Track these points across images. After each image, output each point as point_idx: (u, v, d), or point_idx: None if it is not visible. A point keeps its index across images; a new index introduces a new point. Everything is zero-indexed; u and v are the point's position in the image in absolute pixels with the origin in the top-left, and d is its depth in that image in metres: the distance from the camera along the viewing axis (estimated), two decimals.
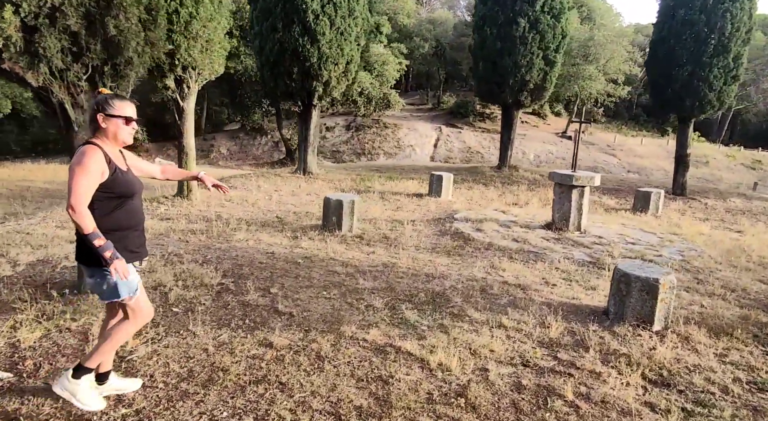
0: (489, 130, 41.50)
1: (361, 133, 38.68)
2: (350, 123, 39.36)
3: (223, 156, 37.58)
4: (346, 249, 6.15)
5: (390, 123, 39.80)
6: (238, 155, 37.75)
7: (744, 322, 4.47)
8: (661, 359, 3.62)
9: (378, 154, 36.15)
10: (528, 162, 36.97)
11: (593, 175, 7.47)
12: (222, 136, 39.53)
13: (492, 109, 43.90)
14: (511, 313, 4.33)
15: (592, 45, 38.66)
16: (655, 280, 4.11)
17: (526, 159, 38.03)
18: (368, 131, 38.82)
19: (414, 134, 38.86)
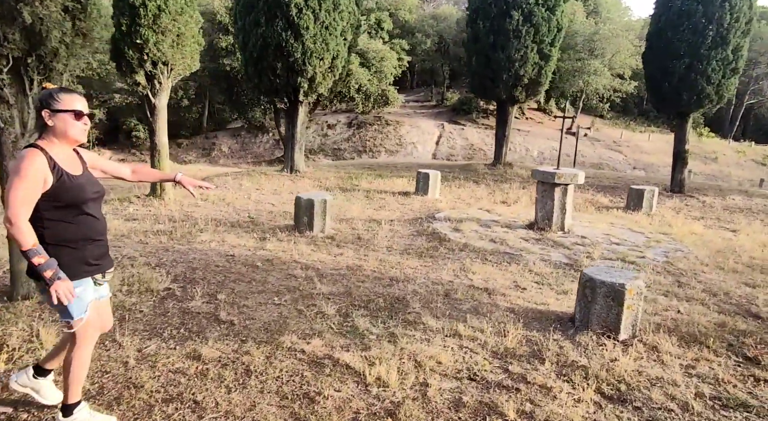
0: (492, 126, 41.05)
1: (363, 130, 38.45)
2: (352, 120, 39.15)
3: (224, 154, 37.51)
4: (313, 251, 5.93)
5: (392, 120, 39.53)
6: (239, 153, 37.66)
7: (720, 329, 4.20)
8: (622, 371, 3.37)
9: (379, 152, 35.89)
10: (531, 159, 36.54)
11: (576, 173, 7.19)
12: (224, 134, 39.45)
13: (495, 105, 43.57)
14: (470, 320, 4.09)
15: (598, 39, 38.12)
16: (621, 285, 3.85)
17: (530, 156, 37.60)
18: (370, 129, 38.58)
19: (416, 131, 38.56)
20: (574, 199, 10.70)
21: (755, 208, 10.81)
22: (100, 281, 2.36)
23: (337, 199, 9.61)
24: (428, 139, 38.02)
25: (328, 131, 39.03)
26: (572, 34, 39.87)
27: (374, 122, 38.56)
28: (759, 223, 9.34)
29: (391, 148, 36.56)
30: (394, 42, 40.00)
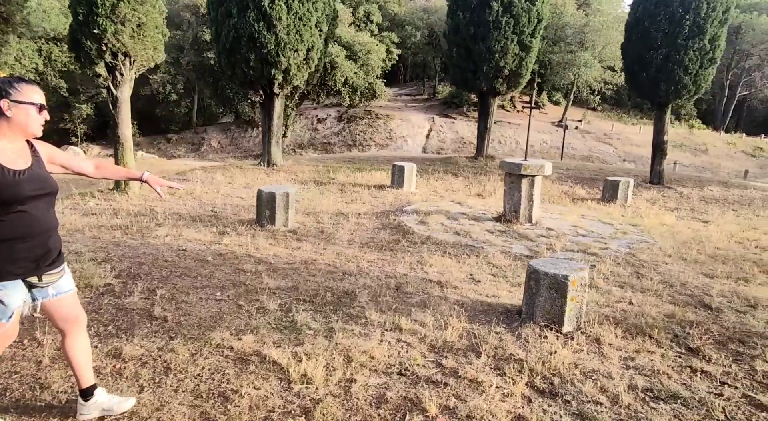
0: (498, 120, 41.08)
1: (353, 124, 38.30)
2: (342, 115, 38.96)
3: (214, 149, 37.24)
4: (271, 245, 5.84)
5: (382, 114, 39.38)
6: (228, 148, 37.43)
7: (668, 320, 4.15)
8: (559, 364, 3.31)
9: (369, 146, 35.76)
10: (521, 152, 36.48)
11: (543, 164, 7.12)
12: (213, 129, 39.15)
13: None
14: (415, 313, 4.02)
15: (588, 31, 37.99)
16: (564, 277, 3.78)
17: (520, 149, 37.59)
18: (360, 123, 38.42)
19: (406, 125, 38.43)
20: (550, 191, 10.66)
21: (731, 199, 10.79)
22: (39, 283, 2.23)
23: (310, 192, 9.52)
24: (418, 132, 37.89)
25: (318, 125, 38.80)
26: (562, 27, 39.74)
27: (364, 116, 38.38)
28: (731, 214, 9.32)
29: (381, 142, 36.42)
30: (384, 35, 39.71)
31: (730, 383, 3.21)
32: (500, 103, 43.11)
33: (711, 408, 2.89)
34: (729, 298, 4.76)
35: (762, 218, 9.00)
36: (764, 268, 5.77)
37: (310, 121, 39.82)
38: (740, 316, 4.32)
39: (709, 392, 3.10)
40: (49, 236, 2.22)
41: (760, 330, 4.03)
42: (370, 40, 27.40)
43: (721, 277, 5.39)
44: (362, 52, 26.35)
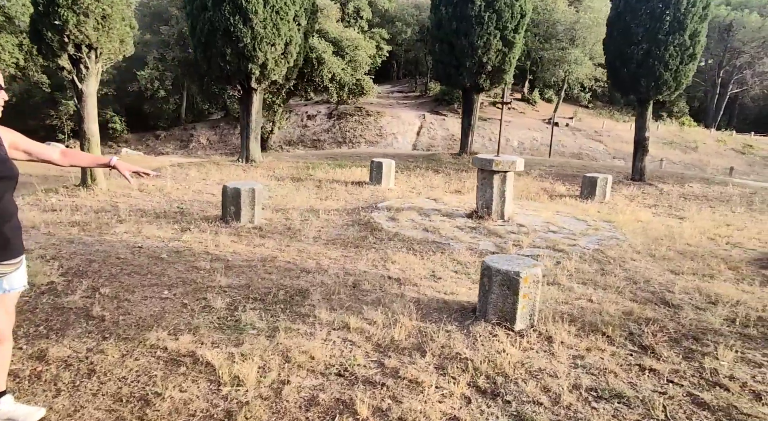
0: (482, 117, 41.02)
1: (343, 121, 38.15)
2: (332, 111, 38.78)
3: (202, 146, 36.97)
4: (233, 242, 5.72)
5: (373, 111, 39.24)
6: (217, 145, 37.18)
7: (626, 318, 4.07)
8: (505, 363, 3.22)
9: (359, 143, 35.61)
10: (511, 149, 36.50)
11: (515, 160, 7.03)
12: (202, 125, 38.85)
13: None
14: (367, 312, 3.92)
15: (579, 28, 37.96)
16: (516, 273, 3.69)
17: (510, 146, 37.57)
18: (350, 120, 38.26)
19: (397, 122, 38.30)
20: (529, 188, 10.59)
21: (710, 196, 10.76)
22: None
23: (285, 189, 9.39)
24: (409, 129, 37.76)
25: (308, 122, 38.60)
26: (553, 23, 39.69)
27: (355, 113, 38.21)
28: (709, 210, 9.27)
29: (371, 139, 36.28)
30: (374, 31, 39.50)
31: (677, 382, 3.14)
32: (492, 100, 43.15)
33: (652, 407, 2.82)
34: (691, 295, 4.69)
35: (738, 214, 8.97)
36: (731, 264, 5.72)
37: (300, 117, 39.62)
38: (699, 313, 4.25)
39: (654, 390, 3.02)
40: (6, 221, 2.08)
41: (716, 327, 3.96)
42: (358, 35, 27.21)
43: (686, 273, 5.32)
44: (350, 48, 26.16)
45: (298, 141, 37.01)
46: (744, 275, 5.39)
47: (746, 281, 5.16)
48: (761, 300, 4.61)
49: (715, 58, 43.64)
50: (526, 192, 10.09)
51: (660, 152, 35.11)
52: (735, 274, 5.42)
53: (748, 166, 34.37)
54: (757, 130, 39.14)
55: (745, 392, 3.06)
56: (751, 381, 3.18)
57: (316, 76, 25.21)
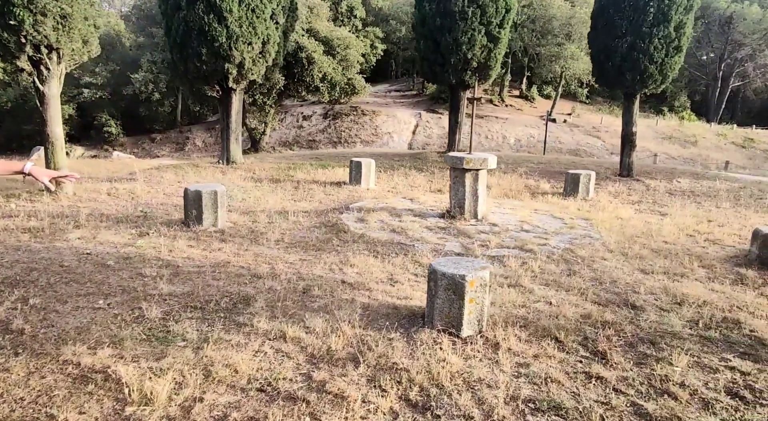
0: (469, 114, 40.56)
1: (338, 121, 37.99)
2: (328, 111, 38.61)
3: (198, 148, 36.82)
4: (190, 247, 5.54)
5: (368, 110, 39.07)
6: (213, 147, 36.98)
7: (583, 321, 3.88)
8: (444, 373, 3.03)
9: (355, 143, 35.42)
10: (508, 146, 36.28)
11: (486, 157, 6.83)
12: (198, 128, 38.68)
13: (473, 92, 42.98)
14: (309, 320, 3.73)
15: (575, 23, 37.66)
16: (462, 277, 3.50)
17: (507, 143, 37.36)
18: (345, 119, 38.10)
19: (392, 121, 38.10)
20: (512, 186, 10.39)
21: (698, 191, 10.53)
22: None
23: (260, 190, 9.21)
24: (404, 128, 37.56)
25: (304, 123, 38.43)
26: (549, 19, 39.40)
27: (350, 113, 38.03)
28: (694, 206, 9.06)
29: (367, 139, 36.09)
30: (368, 30, 39.30)
31: (623, 390, 2.95)
32: (488, 97, 42.82)
33: (589, 420, 2.62)
34: (657, 295, 4.49)
35: (722, 210, 8.75)
36: (706, 262, 5.51)
37: (296, 118, 39.49)
38: (662, 315, 4.06)
39: (597, 400, 2.83)
40: None
41: (677, 330, 3.76)
42: (349, 34, 27.00)
43: (657, 273, 5.12)
44: (341, 47, 25.95)
45: (294, 142, 36.86)
46: (717, 273, 5.19)
47: (718, 280, 4.96)
48: (729, 300, 4.41)
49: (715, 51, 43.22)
50: (507, 190, 9.89)
51: (659, 147, 34.82)
52: (708, 272, 5.22)
53: (748, 160, 34.03)
54: (759, 124, 38.72)
55: (694, 400, 2.87)
56: (702, 388, 2.99)
57: (306, 76, 25.02)
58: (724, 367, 3.27)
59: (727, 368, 3.25)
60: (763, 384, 3.07)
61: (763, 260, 5.39)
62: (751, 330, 3.81)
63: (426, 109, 40.71)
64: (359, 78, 27.94)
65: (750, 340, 3.67)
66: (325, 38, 25.82)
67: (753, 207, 9.02)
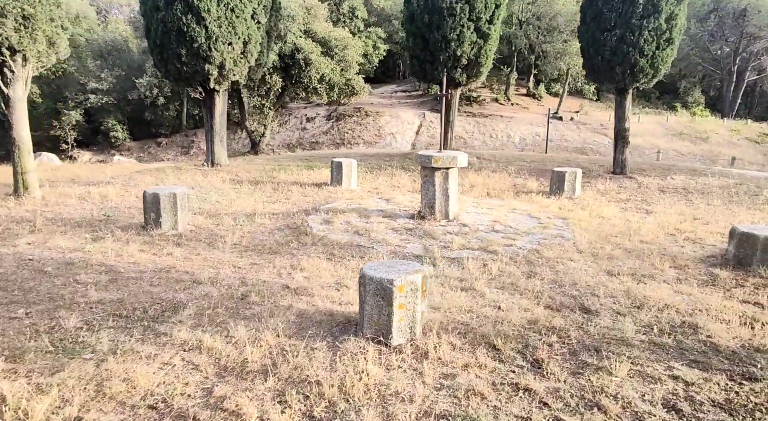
0: (475, 114, 40.40)
1: (342, 122, 37.88)
2: (331, 113, 38.55)
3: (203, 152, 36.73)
4: (140, 251, 5.37)
5: (372, 111, 38.91)
6: None
7: (529, 328, 3.63)
8: (360, 386, 2.81)
9: (357, 144, 35.29)
10: (513, 145, 35.88)
11: (455, 156, 6.59)
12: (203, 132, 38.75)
13: (479, 92, 42.55)
14: (235, 329, 3.52)
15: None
16: (390, 281, 3.27)
17: (511, 142, 36.96)
18: (348, 121, 37.99)
19: (396, 122, 37.90)
20: (498, 184, 10.11)
21: (692, 188, 10.16)
22: None
23: (236, 192, 9.03)
24: (408, 129, 37.34)
25: (307, 125, 38.39)
26: (554, 15, 38.94)
27: (353, 114, 37.92)
28: (683, 203, 8.71)
29: (370, 140, 35.92)
30: (371, 30, 39.14)
31: (550, 404, 2.71)
32: (494, 96, 42.43)
33: None
34: (617, 298, 4.22)
35: (713, 207, 8.40)
36: (679, 262, 5.22)
37: (300, 120, 39.46)
38: (616, 320, 3.79)
39: (517, 416, 2.60)
40: None
41: (628, 336, 3.50)
42: (347, 35, 26.83)
43: (624, 274, 4.84)
44: (339, 48, 25.80)
45: (297, 144, 36.80)
46: (689, 274, 4.90)
47: (687, 282, 4.67)
48: (693, 303, 4.13)
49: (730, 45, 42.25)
50: (491, 189, 9.62)
51: (668, 144, 34.14)
52: (679, 273, 4.92)
53: (762, 155, 33.19)
54: None
55: (626, 414, 2.62)
56: (637, 401, 2.74)
57: (304, 77, 24.92)
58: (667, 376, 3.01)
59: (671, 378, 2.99)
60: (706, 396, 2.81)
61: (740, 259, 5.08)
62: (708, 336, 3.54)
63: (430, 109, 40.42)
64: (358, 78, 27.76)
65: (704, 346, 3.40)
66: (323, 39, 25.69)
67: (746, 204, 8.65)
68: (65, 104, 31.29)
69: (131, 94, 32.61)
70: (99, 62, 30.78)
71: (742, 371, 3.10)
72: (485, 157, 14.03)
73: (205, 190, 9.14)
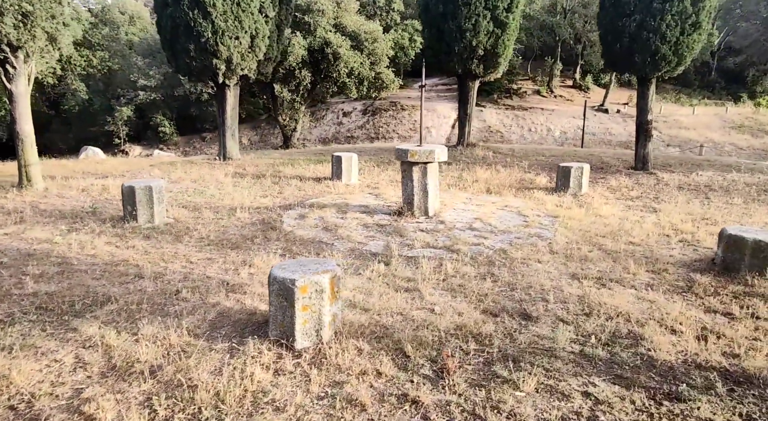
0: (514, 107, 39.38)
1: (377, 117, 37.84)
2: (367, 107, 38.56)
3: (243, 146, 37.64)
4: (107, 244, 5.43)
5: (408, 105, 38.67)
6: (258, 144, 37.88)
7: (453, 334, 3.38)
8: (236, 393, 2.68)
9: (392, 138, 35.15)
10: (552, 139, 34.75)
11: (432, 150, 6.31)
12: (245, 126, 39.58)
13: (520, 84, 41.40)
14: (149, 325, 3.47)
15: None
16: (292, 282, 3.11)
17: (551, 136, 35.84)
18: (384, 115, 37.90)
19: (432, 116, 37.50)
20: (503, 180, 9.71)
21: (716, 186, 9.39)
22: None
23: (236, 186, 9.06)
24: (443, 123, 36.86)
25: (344, 119, 38.58)
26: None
27: (389, 108, 37.80)
28: (698, 202, 8.05)
29: (404, 134, 35.69)
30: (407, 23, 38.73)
31: (433, 418, 2.50)
32: (536, 87, 41.17)
33: None
34: (567, 304, 3.89)
35: (731, 206, 7.72)
36: (658, 266, 4.78)
37: (336, 115, 39.71)
38: (555, 328, 3.48)
39: None
40: None
41: (557, 346, 3.20)
42: (377, 28, 26.56)
43: (590, 278, 4.47)
44: (368, 41, 25.61)
45: (333, 138, 37.04)
46: (663, 279, 4.47)
47: (656, 288, 4.26)
48: (651, 311, 3.74)
49: None
50: (493, 185, 9.23)
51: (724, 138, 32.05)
52: (653, 278, 4.50)
53: None
54: None
55: None
56: (530, 419, 2.46)
57: (333, 72, 24.91)
58: (579, 393, 2.71)
59: (582, 395, 2.69)
60: (612, 417, 2.50)
61: (728, 264, 4.59)
62: (649, 348, 3.18)
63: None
64: (388, 72, 27.48)
65: (639, 360, 3.06)
66: (353, 33, 25.56)
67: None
68: (118, 101, 32.58)
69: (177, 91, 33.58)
70: (148, 60, 31.86)
71: (668, 389, 2.76)
72: (502, 152, 13.56)
73: (205, 184, 9.24)
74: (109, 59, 31.17)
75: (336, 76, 25.02)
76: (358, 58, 24.99)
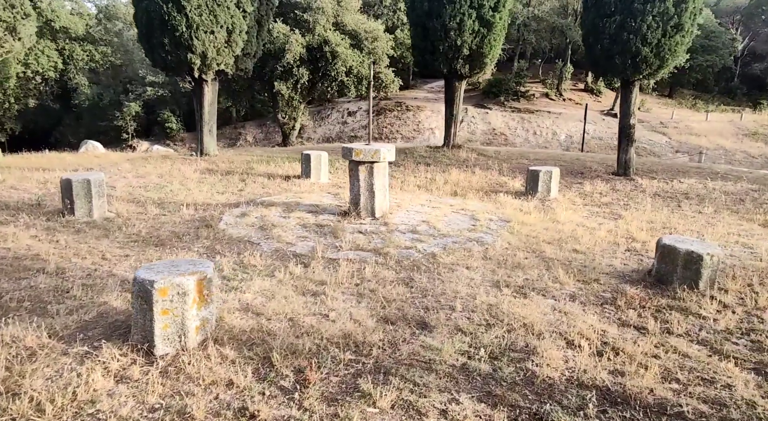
0: (520, 109, 38.93)
1: (382, 117, 37.67)
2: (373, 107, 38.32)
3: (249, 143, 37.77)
4: (30, 237, 5.31)
5: (413, 106, 38.47)
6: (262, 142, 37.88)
7: (336, 342, 3.17)
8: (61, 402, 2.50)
9: (396, 138, 34.94)
10: (558, 143, 34.35)
11: (378, 149, 6.09)
12: (251, 124, 39.64)
13: (527, 86, 40.86)
14: (12, 325, 3.28)
15: None
16: (150, 283, 2.93)
17: (556, 140, 35.46)
18: (389, 115, 37.73)
19: (436, 117, 37.25)
20: (475, 182, 9.45)
21: (694, 193, 9.02)
22: None
23: (204, 182, 8.90)
24: None
25: (348, 119, 38.46)
26: None
27: (394, 108, 37.60)
28: (668, 210, 7.72)
29: (408, 134, 35.47)
30: None
31: None
32: (545, 90, 40.60)
33: None
34: (474, 314, 3.65)
35: (701, 214, 7.40)
36: (590, 276, 4.51)
37: (341, 114, 39.63)
38: (448, 338, 3.25)
39: None
40: None
41: (439, 359, 2.98)
42: (377, 26, 26.35)
43: (511, 286, 4.22)
44: (368, 40, 25.42)
45: (337, 137, 36.93)
46: (590, 290, 4.21)
47: (578, 299, 4.00)
48: (559, 324, 3.49)
49: None
50: (460, 187, 8.98)
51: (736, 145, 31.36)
52: (579, 288, 4.24)
53: None
54: None
55: None
56: None
57: (331, 70, 24.76)
58: (437, 411, 2.49)
59: (439, 413, 2.47)
60: None
61: (661, 275, 4.31)
62: (536, 364, 2.94)
63: (474, 104, 39.37)
64: (388, 72, 27.26)
65: (521, 376, 2.82)
66: (353, 31, 25.41)
67: (743, 212, 7.57)
68: (126, 96, 32.71)
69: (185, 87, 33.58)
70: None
71: (536, 409, 2.52)
72: (486, 154, 13.27)
73: (170, 179, 9.10)
74: (112, 54, 31.28)
75: (334, 75, 24.87)
76: (357, 57, 24.81)
